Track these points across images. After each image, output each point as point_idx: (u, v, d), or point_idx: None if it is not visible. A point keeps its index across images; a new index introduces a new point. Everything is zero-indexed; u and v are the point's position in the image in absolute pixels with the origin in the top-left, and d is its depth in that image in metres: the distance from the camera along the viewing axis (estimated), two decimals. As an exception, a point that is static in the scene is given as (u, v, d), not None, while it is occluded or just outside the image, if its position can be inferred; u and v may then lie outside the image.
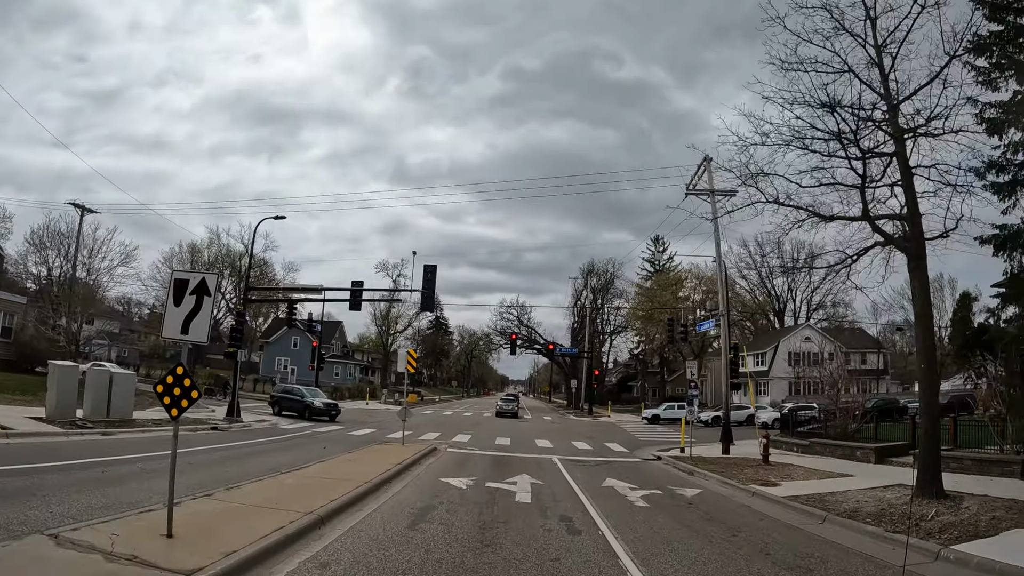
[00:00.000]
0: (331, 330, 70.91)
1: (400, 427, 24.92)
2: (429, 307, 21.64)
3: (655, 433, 31.63)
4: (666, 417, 41.25)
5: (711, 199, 24.63)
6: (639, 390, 79.38)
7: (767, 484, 13.20)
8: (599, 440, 25.81)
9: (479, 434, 25.50)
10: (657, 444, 24.98)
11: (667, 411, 41.93)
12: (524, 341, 64.36)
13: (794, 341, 55.19)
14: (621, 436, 28.92)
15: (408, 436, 22.95)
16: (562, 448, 21.32)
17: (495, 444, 21.40)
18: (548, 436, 26.52)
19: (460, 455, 17.37)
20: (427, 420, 33.38)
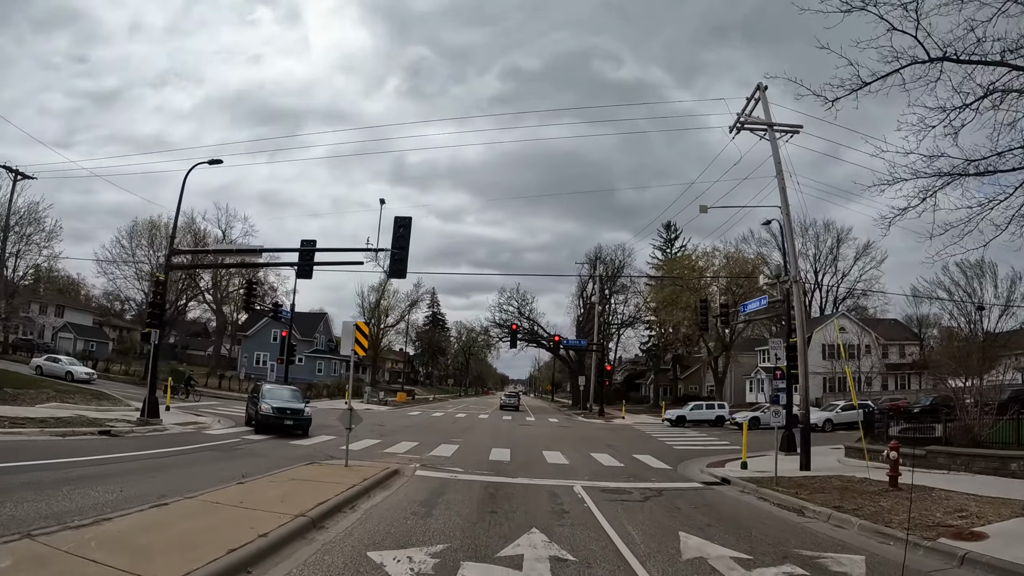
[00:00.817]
0: (314, 322, 65.10)
1: (370, 433, 19.09)
2: (400, 272, 15.87)
3: (687, 439, 25.77)
4: (693, 419, 35.40)
5: (769, 134, 18.90)
6: (651, 389, 73.52)
7: (959, 536, 7.41)
8: (624, 450, 19.93)
9: (469, 444, 19.60)
10: (701, 455, 19.23)
11: (694, 412, 36.12)
12: (525, 334, 58.44)
13: (827, 332, 49.26)
14: (649, 444, 23.05)
15: (375, 447, 17.13)
16: (582, 465, 15.44)
17: (488, 460, 15.51)
18: (559, 445, 20.63)
19: (434, 482, 11.47)
20: (408, 424, 27.44)
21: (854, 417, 30.18)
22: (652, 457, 18.33)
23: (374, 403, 42.70)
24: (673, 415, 36.02)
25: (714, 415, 35.86)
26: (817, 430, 28.33)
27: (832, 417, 31.26)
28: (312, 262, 18.94)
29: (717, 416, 35.76)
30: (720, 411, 36.30)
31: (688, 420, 35.23)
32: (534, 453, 17.66)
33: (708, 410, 36.39)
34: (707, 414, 35.98)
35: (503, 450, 17.86)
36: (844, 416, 30.83)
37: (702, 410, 36.34)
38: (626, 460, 17.30)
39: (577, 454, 18.06)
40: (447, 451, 16.97)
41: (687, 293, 38.91)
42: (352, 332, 12.41)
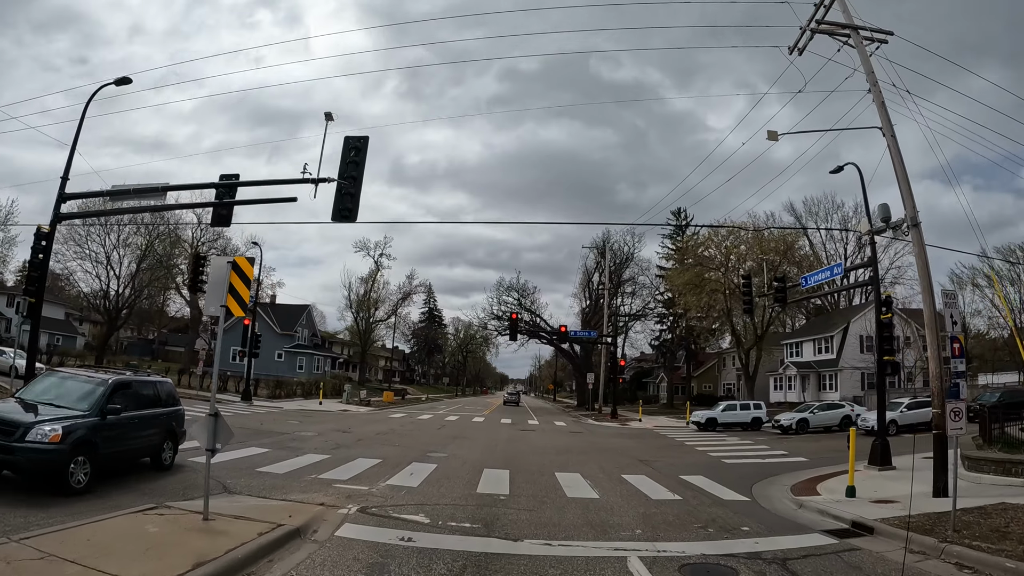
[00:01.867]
0: (296, 315, 59.70)
1: (321, 446, 13.82)
2: (347, 213, 10.91)
3: (729, 447, 20.40)
4: (726, 421, 29.88)
5: (854, 39, 13.69)
6: (660, 387, 68.09)
7: None
8: (666, 468, 14.54)
9: (453, 461, 14.16)
10: (764, 471, 14.31)
11: (727, 413, 30.56)
12: (527, 327, 53.01)
13: (866, 322, 43.76)
14: (690, 457, 17.66)
15: (311, 469, 11.69)
16: (621, 502, 10.05)
17: (476, 494, 10.10)
18: (575, 461, 15.21)
19: (365, 554, 6.09)
20: (382, 431, 22.00)
21: (924, 416, 24.91)
22: (708, 479, 12.96)
23: (354, 403, 37.30)
24: (702, 417, 30.50)
25: (749, 417, 30.39)
26: (870, 433, 23.19)
27: (897, 418, 25.75)
28: (231, 201, 13.53)
29: (753, 418, 30.29)
30: (756, 412, 30.77)
31: (720, 423, 29.82)
32: (544, 477, 12.23)
33: (743, 411, 30.81)
34: (742, 416, 30.50)
35: (499, 473, 12.41)
36: (911, 416, 25.40)
37: (735, 411, 30.83)
38: (678, 487, 11.89)
39: (605, 477, 12.64)
40: (417, 475, 11.52)
41: (713, 274, 33.46)
42: (224, 275, 6.88)
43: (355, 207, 12.07)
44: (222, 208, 13.61)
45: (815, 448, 20.49)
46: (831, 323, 45.97)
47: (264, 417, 23.95)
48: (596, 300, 59.79)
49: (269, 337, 57.40)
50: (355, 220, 12.23)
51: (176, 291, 66.88)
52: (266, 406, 30.89)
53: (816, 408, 28.89)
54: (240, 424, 20.51)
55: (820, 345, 45.04)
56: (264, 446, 14.99)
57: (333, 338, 74.54)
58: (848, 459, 17.98)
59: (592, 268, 61.14)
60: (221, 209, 13.69)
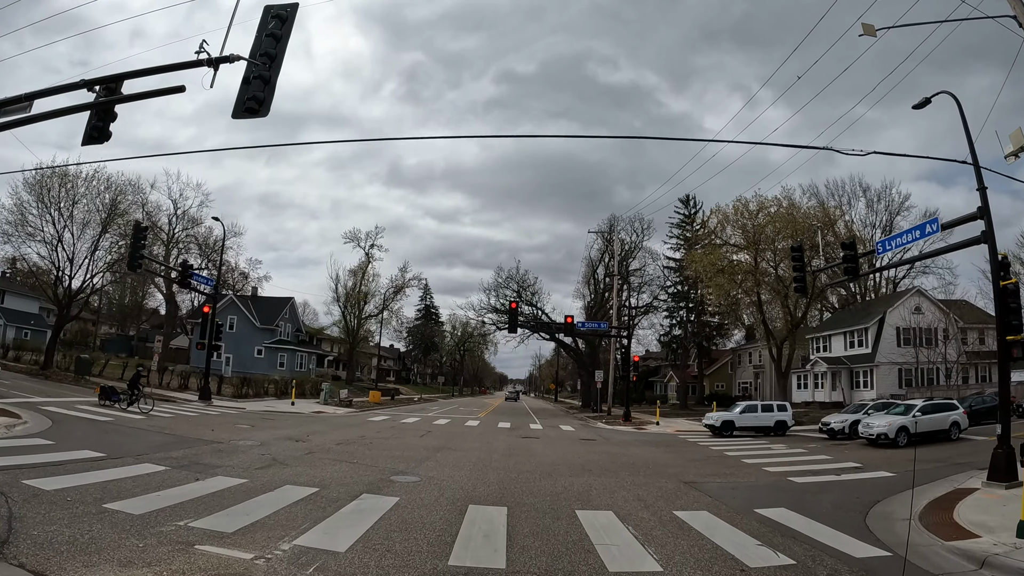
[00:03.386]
0: (277, 308, 55.34)
1: (250, 464, 9.54)
2: (255, 106, 6.37)
3: (783, 457, 16.02)
4: (744, 425, 25.31)
5: None
6: (672, 387, 63.77)
7: None
8: (728, 497, 10.30)
9: (426, 492, 9.83)
10: (859, 493, 9.87)
11: (747, 416, 25.76)
12: (528, 320, 48.68)
13: (902, 313, 39.48)
14: (751, 475, 13.34)
15: (203, 504, 7.13)
16: (696, 572, 5.64)
17: (448, 570, 5.68)
18: (602, 490, 10.90)
19: None
20: (348, 439, 17.67)
21: (942, 423, 20.00)
22: (798, 515, 8.82)
23: (332, 404, 32.95)
24: (717, 420, 25.66)
25: (772, 420, 25.45)
26: (907, 443, 18.63)
27: (907, 424, 20.38)
28: (101, 101, 9.31)
29: (777, 421, 25.50)
30: (781, 414, 25.92)
31: (737, 427, 25.22)
32: (561, 521, 7.89)
33: (765, 413, 25.83)
34: (763, 419, 25.57)
35: (492, 514, 8.08)
36: (927, 422, 19.85)
37: (756, 413, 25.90)
38: (768, 532, 7.66)
39: (652, 518, 8.34)
40: (355, 524, 7.14)
41: (742, 255, 29.17)
42: None
43: (267, 98, 7.89)
44: (96, 118, 9.36)
45: (886, 458, 16.24)
46: (864, 315, 41.61)
47: (211, 420, 19.64)
48: (601, 294, 55.48)
49: (248, 332, 53.12)
50: (265, 114, 8.02)
51: (153, 285, 62.78)
52: (225, 407, 26.56)
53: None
54: (169, 428, 16.27)
55: (852, 339, 40.69)
56: (164, 462, 10.74)
57: (321, 334, 70.12)
58: (953, 472, 13.73)
59: (596, 260, 56.84)
60: (95, 120, 9.42)
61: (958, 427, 20.17)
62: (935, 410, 20.50)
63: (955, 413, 20.46)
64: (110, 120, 10.36)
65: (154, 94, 9.24)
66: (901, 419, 19.58)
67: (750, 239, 28.32)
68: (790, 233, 27.97)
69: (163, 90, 9.02)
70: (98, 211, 36.14)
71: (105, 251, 37.28)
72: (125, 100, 9.38)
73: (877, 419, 20.07)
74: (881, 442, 18.99)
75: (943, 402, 21.85)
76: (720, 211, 29.97)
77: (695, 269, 31.03)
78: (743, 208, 28.98)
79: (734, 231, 29.94)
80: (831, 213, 29.23)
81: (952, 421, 20.27)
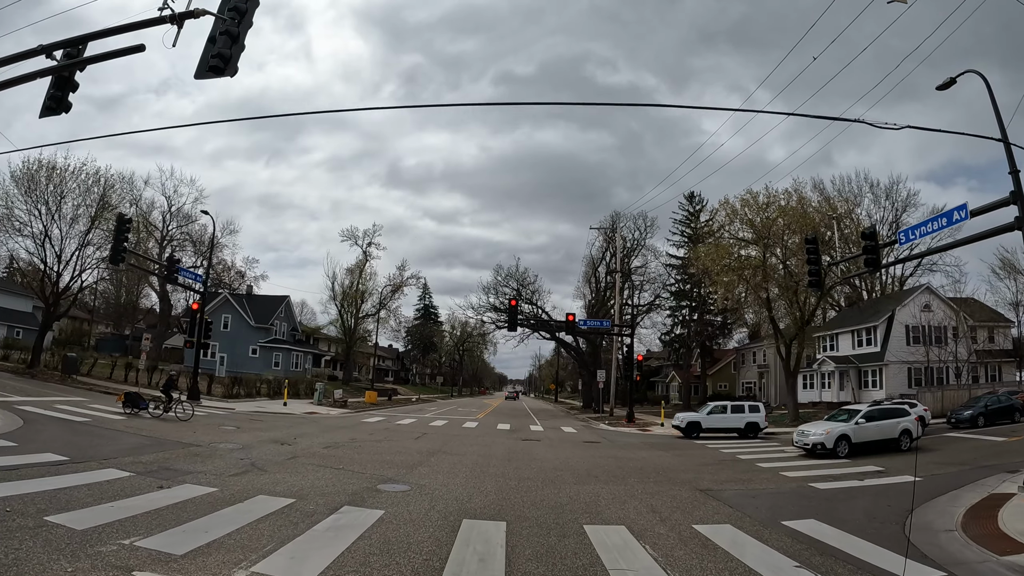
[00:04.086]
0: (272, 307, 54.33)
1: (225, 471, 8.54)
2: (220, 64, 5.31)
3: (798, 460, 14.97)
4: (711, 427, 23.89)
5: None
6: (674, 387, 62.80)
7: None
8: (750, 507, 9.37)
9: (415, 504, 8.87)
10: (888, 499, 8.85)
11: (714, 417, 24.31)
12: (528, 319, 47.72)
13: (912, 310, 38.48)
14: (770, 482, 12.37)
15: (158, 517, 6.30)
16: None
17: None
18: (611, 499, 9.97)
19: None
20: (334, 444, 16.73)
21: (890, 431, 17.35)
22: (831, 527, 7.97)
23: (326, 404, 31.95)
24: (683, 420, 24.35)
25: (742, 421, 23.88)
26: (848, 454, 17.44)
27: (850, 433, 17.08)
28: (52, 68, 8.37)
29: (748, 423, 23.82)
30: (753, 416, 24.16)
31: (704, 428, 23.93)
32: (568, 539, 6.90)
33: (734, 414, 24.24)
34: (732, 420, 24.02)
35: (488, 530, 7.10)
36: (872, 431, 17.44)
37: (725, 414, 24.19)
38: (802, 551, 6.79)
39: (670, 533, 7.37)
40: (330, 544, 6.15)
41: (751, 250, 28.19)
42: None
43: (234, 56, 6.92)
44: (54, 87, 8.44)
45: (907, 462, 15.24)
46: (873, 313, 40.63)
47: (194, 422, 18.65)
48: (602, 293, 54.54)
49: (243, 330, 52.11)
50: (231, 74, 7.07)
51: (148, 284, 61.74)
52: (213, 407, 25.56)
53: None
54: (147, 430, 15.29)
55: (860, 337, 39.72)
56: (130, 467, 9.81)
57: (318, 333, 69.08)
58: (981, 475, 12.77)
59: (598, 258, 55.88)
60: (53, 89, 8.50)
61: (909, 436, 17.62)
62: (883, 416, 18.04)
63: (906, 420, 18.01)
64: (69, 89, 9.41)
65: (111, 55, 8.27)
66: (842, 427, 17.22)
67: (759, 233, 27.30)
68: (801, 227, 26.99)
69: (120, 50, 8.05)
70: (87, 205, 35.12)
71: (95, 247, 36.29)
72: (82, 63, 8.40)
73: (815, 427, 17.97)
74: (819, 452, 16.65)
75: (893, 407, 19.54)
76: (728, 204, 28.92)
77: (703, 263, 30.01)
78: (752, 201, 27.96)
79: (742, 225, 28.93)
80: (847, 202, 28.24)
81: (902, 429, 17.66)
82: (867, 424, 17.47)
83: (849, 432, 16.98)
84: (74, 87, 9.56)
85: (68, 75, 8.95)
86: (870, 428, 17.41)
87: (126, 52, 8.03)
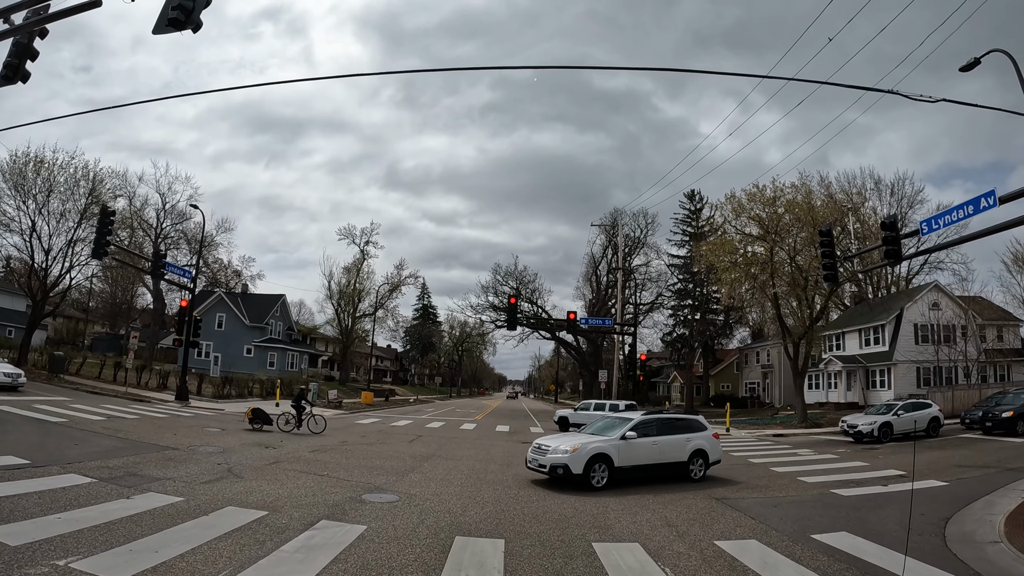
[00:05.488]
0: (267, 306, 53.44)
1: (178, 483, 7.84)
2: (181, 17, 4.69)
3: (814, 463, 14.10)
4: (578, 422, 22.57)
5: None
6: (675, 387, 61.96)
7: None
8: (775, 519, 8.53)
9: (402, 518, 7.97)
10: (915, 507, 7.85)
11: (582, 414, 23.85)
12: (528, 318, 46.87)
13: (920, 308, 37.60)
14: (788, 488, 11.49)
15: (104, 532, 5.98)
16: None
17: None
18: (621, 512, 9.08)
19: None
20: (322, 447, 15.92)
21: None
22: (867, 541, 7.24)
23: (320, 405, 31.02)
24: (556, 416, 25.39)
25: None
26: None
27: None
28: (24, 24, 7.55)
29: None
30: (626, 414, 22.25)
31: (571, 424, 23.44)
32: (575, 561, 6.03)
33: (602, 411, 22.86)
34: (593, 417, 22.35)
35: (484, 550, 6.23)
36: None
37: (589, 412, 23.61)
38: (841, 570, 5.77)
39: (691, 551, 6.52)
40: (301, 571, 5.27)
41: (757, 247, 27.33)
42: None
43: (196, 7, 6.03)
44: (11, 55, 7.62)
45: (928, 463, 14.40)
46: (881, 311, 39.76)
47: (178, 423, 17.80)
48: (603, 292, 53.69)
49: (237, 330, 51.19)
50: (192, 28, 6.21)
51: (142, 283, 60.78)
52: (202, 408, 24.67)
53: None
54: (125, 432, 14.43)
55: (868, 336, 38.85)
56: (95, 473, 9.00)
57: (315, 333, 68.13)
58: (1008, 479, 12.10)
59: (599, 256, 55.02)
60: (10, 57, 7.68)
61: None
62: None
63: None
64: (27, 57, 8.55)
65: (67, 13, 7.38)
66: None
67: (766, 228, 26.42)
68: (809, 220, 26.15)
69: (76, 7, 7.16)
70: (75, 200, 34.19)
71: (84, 243, 35.38)
72: (36, 23, 7.53)
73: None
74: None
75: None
76: (734, 199, 27.99)
77: (707, 260, 29.12)
78: (759, 194, 27.05)
79: (749, 220, 28.01)
80: (851, 199, 27.33)
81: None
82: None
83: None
84: (33, 55, 8.70)
85: (27, 41, 8.10)
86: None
87: (81, 9, 7.16)
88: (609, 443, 10.99)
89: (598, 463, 10.62)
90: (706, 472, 12.26)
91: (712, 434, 12.80)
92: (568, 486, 10.37)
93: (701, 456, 12.21)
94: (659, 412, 14.63)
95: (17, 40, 8.45)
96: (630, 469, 11.07)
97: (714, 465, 12.56)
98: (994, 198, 12.63)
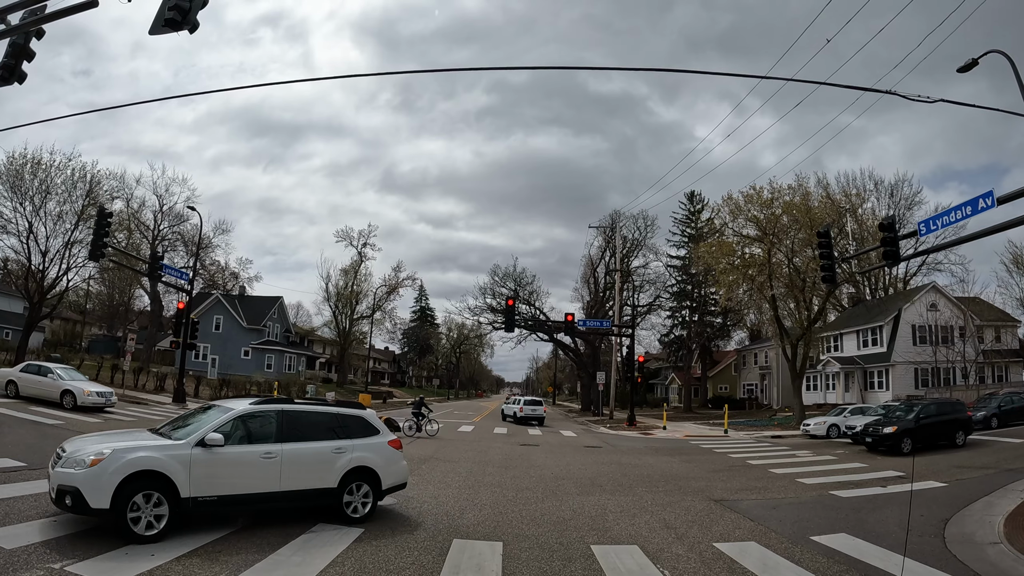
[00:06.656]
0: (264, 308, 53.34)
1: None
2: (178, 17, 4.23)
3: (812, 465, 14.11)
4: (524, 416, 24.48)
5: None
6: (673, 389, 61.98)
7: None
8: (774, 521, 8.50)
9: (396, 530, 7.85)
10: (916, 509, 7.81)
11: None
12: (525, 320, 46.83)
13: (918, 310, 37.68)
14: (787, 489, 11.46)
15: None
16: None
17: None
18: (619, 512, 9.11)
19: None
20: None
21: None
22: (868, 543, 7.31)
23: (318, 407, 30.97)
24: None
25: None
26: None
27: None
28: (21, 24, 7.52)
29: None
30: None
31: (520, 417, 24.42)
32: (574, 564, 6.00)
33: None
34: None
35: (482, 553, 6.18)
36: None
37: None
38: (841, 572, 5.75)
39: (689, 553, 6.50)
40: (298, 574, 5.24)
41: (755, 248, 27.37)
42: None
43: (193, 7, 6.01)
44: (8, 55, 7.60)
45: (928, 464, 14.41)
46: (879, 312, 39.82)
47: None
48: (601, 294, 53.69)
49: (234, 332, 51.08)
50: (189, 28, 6.19)
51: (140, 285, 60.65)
52: (199, 411, 24.56)
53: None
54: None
55: (866, 337, 38.90)
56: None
57: (313, 335, 68.01)
58: (1006, 479, 12.10)
59: (597, 258, 54.97)
60: (7, 58, 7.65)
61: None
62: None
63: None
64: (23, 58, 8.53)
65: (64, 13, 7.36)
66: None
67: (764, 229, 26.46)
68: (807, 222, 26.19)
69: (73, 7, 7.14)
70: (71, 202, 34.10)
71: (81, 245, 35.27)
72: (33, 24, 7.50)
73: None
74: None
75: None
76: (732, 200, 28.03)
77: (705, 261, 29.14)
78: (756, 196, 27.09)
79: (746, 222, 28.05)
80: (849, 199, 27.39)
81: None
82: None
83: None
84: (30, 56, 8.67)
85: (23, 42, 8.07)
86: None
87: (78, 9, 7.14)
88: (172, 452, 6.16)
89: (147, 491, 5.83)
90: (374, 506, 7.41)
91: (389, 441, 7.89)
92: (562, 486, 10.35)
93: (365, 479, 7.33)
94: (289, 401, 8.15)
95: (13, 41, 8.43)
96: (214, 503, 6.25)
97: (394, 491, 7.83)
98: (992, 199, 12.65)
